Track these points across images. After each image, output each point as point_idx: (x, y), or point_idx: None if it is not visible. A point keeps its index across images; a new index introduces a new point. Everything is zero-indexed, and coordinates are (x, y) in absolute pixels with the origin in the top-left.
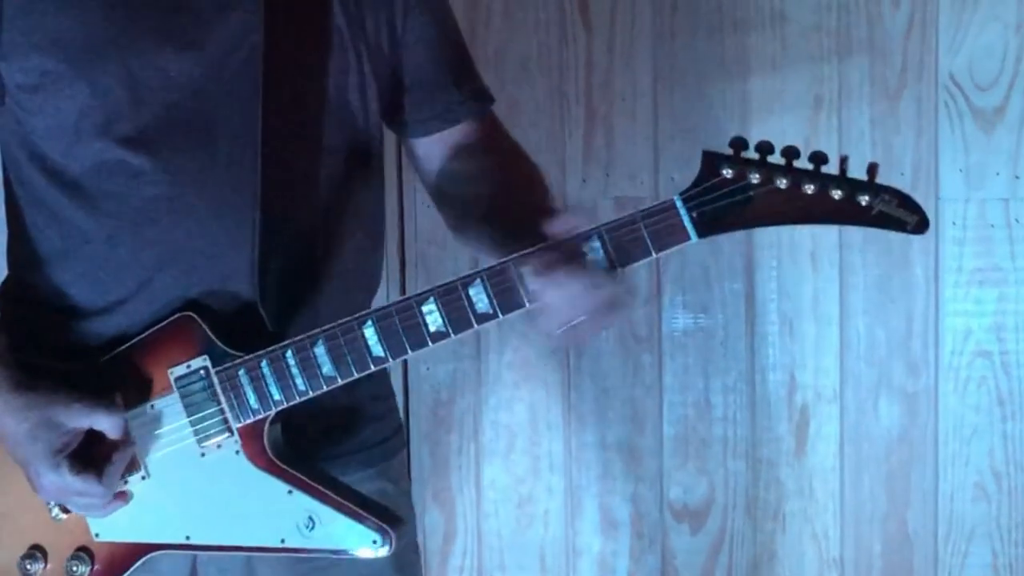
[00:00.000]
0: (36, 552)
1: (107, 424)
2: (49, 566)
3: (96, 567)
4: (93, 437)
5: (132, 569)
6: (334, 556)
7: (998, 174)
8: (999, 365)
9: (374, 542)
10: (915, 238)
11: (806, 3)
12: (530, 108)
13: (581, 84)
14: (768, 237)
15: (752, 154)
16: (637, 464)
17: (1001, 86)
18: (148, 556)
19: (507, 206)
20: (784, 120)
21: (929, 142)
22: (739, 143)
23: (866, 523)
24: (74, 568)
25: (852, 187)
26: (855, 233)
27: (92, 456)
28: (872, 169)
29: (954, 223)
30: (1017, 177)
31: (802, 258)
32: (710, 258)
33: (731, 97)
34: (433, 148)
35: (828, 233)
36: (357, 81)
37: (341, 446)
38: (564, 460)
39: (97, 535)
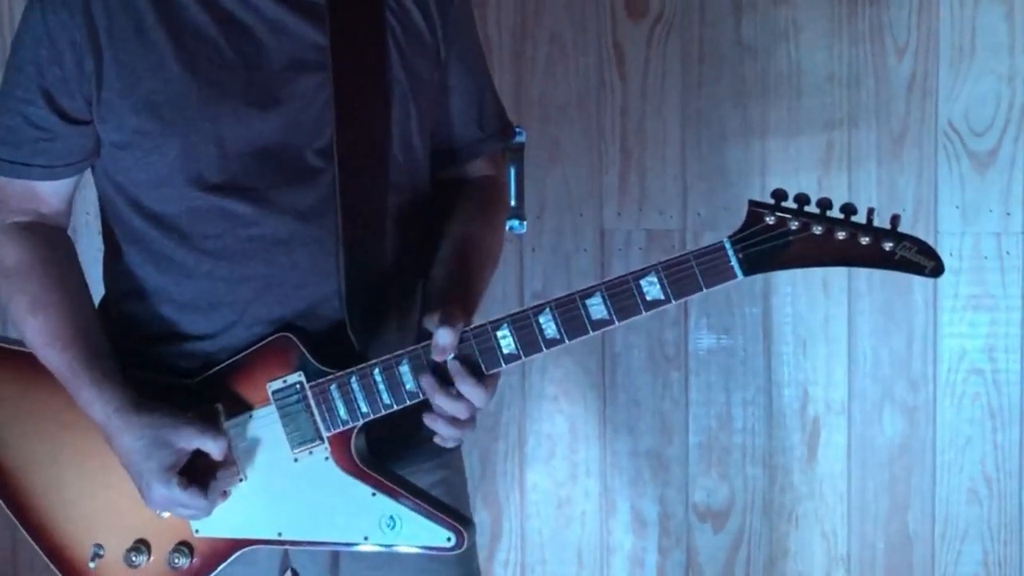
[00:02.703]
0: (141, 545)
1: (212, 447)
2: (152, 558)
3: (195, 560)
4: (199, 453)
5: (228, 562)
6: (411, 552)
7: (991, 211)
8: (991, 382)
9: (448, 539)
10: None
11: (819, 56)
12: (571, 148)
13: (617, 128)
14: None
15: (791, 204)
16: (665, 470)
17: (994, 131)
18: (243, 550)
19: (447, 271)
20: (799, 159)
21: (929, 182)
22: (780, 194)
23: (871, 523)
24: (175, 560)
25: (878, 235)
26: None
27: (198, 471)
28: (895, 220)
29: (951, 254)
30: (1008, 213)
31: (814, 285)
32: (732, 286)
33: (751, 128)
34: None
35: None
36: (417, 126)
37: (411, 438)
38: (600, 466)
39: (197, 531)
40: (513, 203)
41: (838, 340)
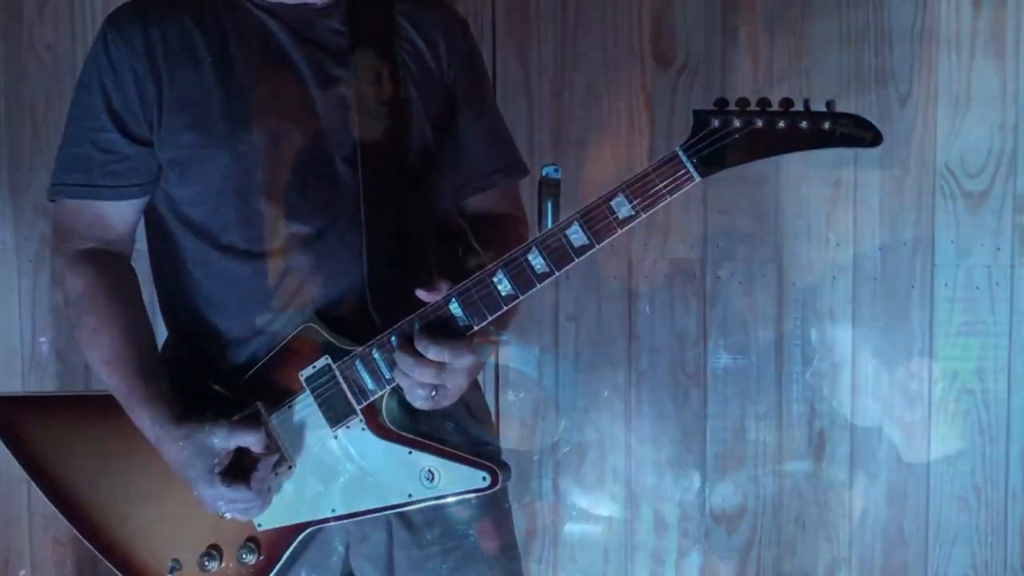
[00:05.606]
0: (212, 551)
1: (249, 440)
2: (224, 560)
3: (262, 554)
4: (243, 451)
5: (292, 548)
6: (453, 500)
7: (983, 246)
8: (981, 401)
9: (484, 479)
10: (915, 297)
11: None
12: (602, 183)
13: (645, 166)
14: (794, 295)
15: (733, 108)
16: (685, 477)
17: (987, 174)
18: (303, 534)
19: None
20: (810, 195)
21: (927, 218)
22: (722, 102)
23: (870, 528)
24: (244, 557)
25: (815, 118)
26: (866, 291)
27: (244, 467)
28: (830, 104)
29: (946, 285)
30: (998, 248)
31: (822, 313)
32: (747, 311)
33: (766, 166)
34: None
35: (844, 291)
36: (433, 140)
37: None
38: (625, 473)
39: (259, 525)
40: None
41: (843, 362)
